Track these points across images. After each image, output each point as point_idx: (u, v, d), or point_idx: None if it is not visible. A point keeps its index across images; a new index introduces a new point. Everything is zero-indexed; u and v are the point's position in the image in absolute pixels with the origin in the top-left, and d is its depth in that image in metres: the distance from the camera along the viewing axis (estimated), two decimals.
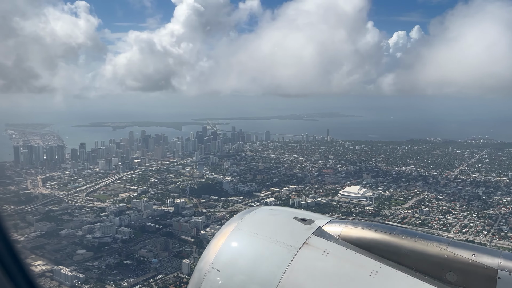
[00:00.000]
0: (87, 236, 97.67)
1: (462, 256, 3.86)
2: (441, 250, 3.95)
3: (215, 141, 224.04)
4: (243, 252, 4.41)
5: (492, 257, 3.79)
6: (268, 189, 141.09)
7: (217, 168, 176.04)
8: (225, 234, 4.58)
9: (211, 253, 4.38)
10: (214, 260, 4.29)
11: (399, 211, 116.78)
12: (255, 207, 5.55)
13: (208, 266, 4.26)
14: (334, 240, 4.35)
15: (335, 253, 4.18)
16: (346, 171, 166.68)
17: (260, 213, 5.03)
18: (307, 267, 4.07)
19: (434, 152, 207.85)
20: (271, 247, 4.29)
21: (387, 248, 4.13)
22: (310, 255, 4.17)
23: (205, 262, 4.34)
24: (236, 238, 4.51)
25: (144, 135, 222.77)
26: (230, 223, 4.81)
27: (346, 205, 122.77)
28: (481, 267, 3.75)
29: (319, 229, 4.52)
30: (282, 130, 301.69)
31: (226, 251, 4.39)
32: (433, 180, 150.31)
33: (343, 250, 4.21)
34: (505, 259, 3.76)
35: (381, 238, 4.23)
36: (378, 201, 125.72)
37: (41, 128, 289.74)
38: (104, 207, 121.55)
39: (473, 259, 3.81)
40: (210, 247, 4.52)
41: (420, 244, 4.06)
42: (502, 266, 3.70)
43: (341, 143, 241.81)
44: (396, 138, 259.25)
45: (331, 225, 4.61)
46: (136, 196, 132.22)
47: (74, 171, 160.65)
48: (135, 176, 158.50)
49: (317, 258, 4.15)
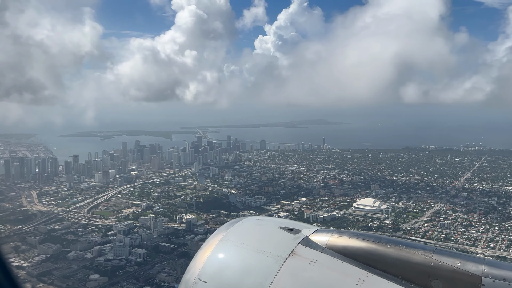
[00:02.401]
0: (98, 259, 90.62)
1: (447, 263, 3.91)
2: (427, 258, 3.99)
3: (212, 151, 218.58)
4: (230, 263, 4.36)
5: (477, 264, 3.87)
6: (278, 202, 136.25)
7: (219, 180, 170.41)
8: (211, 245, 4.52)
9: (198, 265, 4.32)
10: (200, 271, 4.24)
11: (419, 225, 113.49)
12: (242, 217, 5.37)
13: (194, 278, 4.20)
14: (321, 249, 4.34)
15: (322, 262, 4.18)
16: (352, 181, 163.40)
17: (247, 223, 4.99)
18: (294, 277, 4.06)
19: (433, 161, 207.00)
20: (258, 257, 4.26)
21: (373, 257, 4.14)
22: (297, 265, 4.17)
23: (191, 273, 4.28)
24: (223, 249, 4.47)
25: (138, 145, 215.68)
26: (216, 233, 4.72)
27: (362, 218, 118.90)
28: (466, 275, 3.82)
29: (306, 239, 4.50)
30: (274, 139, 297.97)
31: (213, 262, 4.34)
32: (442, 190, 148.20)
33: (329, 260, 4.21)
34: (489, 266, 3.84)
35: (367, 247, 4.24)
36: (394, 213, 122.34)
37: (26, 138, 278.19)
38: (109, 225, 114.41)
39: (458, 266, 3.88)
40: (196, 258, 4.45)
41: (405, 252, 4.10)
42: (486, 273, 3.79)
43: (338, 151, 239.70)
44: (390, 146, 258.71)
45: (318, 234, 4.59)
46: (141, 212, 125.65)
47: (70, 185, 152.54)
48: (135, 190, 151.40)
49: (304, 268, 4.14)
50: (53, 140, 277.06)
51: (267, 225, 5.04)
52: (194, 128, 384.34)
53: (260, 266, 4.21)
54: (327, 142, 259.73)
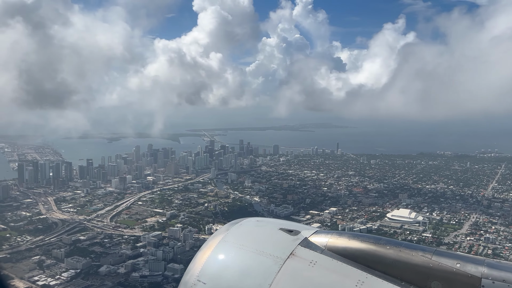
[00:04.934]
0: (134, 275, 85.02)
1: (447, 265, 3.90)
2: (426, 260, 3.98)
3: (226, 155, 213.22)
4: (229, 265, 4.35)
5: (476, 266, 3.86)
6: (306, 211, 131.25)
7: (239, 186, 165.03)
8: (211, 246, 4.51)
9: (197, 266, 4.32)
10: (200, 272, 4.23)
11: (460, 238, 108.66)
12: (241, 218, 5.32)
13: (194, 279, 4.20)
14: (320, 250, 4.33)
15: (321, 263, 4.18)
16: (377, 189, 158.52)
17: (247, 224, 4.96)
18: (293, 278, 4.06)
19: (453, 168, 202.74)
20: (257, 258, 4.26)
21: (373, 258, 4.13)
22: (296, 266, 4.16)
23: (191, 275, 4.27)
24: (222, 250, 4.46)
25: (151, 149, 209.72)
26: (216, 235, 4.71)
27: (400, 231, 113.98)
28: (465, 276, 3.81)
29: (306, 240, 4.49)
30: (285, 142, 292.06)
31: (212, 264, 4.33)
32: (473, 200, 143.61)
33: (329, 261, 4.21)
34: (488, 268, 3.83)
35: (366, 248, 4.23)
36: (431, 226, 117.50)
37: (33, 140, 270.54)
38: (136, 235, 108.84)
39: (457, 267, 3.86)
40: (196, 259, 4.44)
41: (405, 253, 4.09)
42: (486, 275, 3.77)
43: (353, 156, 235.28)
44: (404, 152, 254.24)
45: (318, 235, 4.58)
46: (166, 221, 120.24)
47: (86, 191, 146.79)
48: (154, 197, 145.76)
49: (303, 269, 4.14)
50: (59, 142, 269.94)
51: (266, 226, 4.93)
52: (200, 131, 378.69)
53: (260, 267, 4.14)
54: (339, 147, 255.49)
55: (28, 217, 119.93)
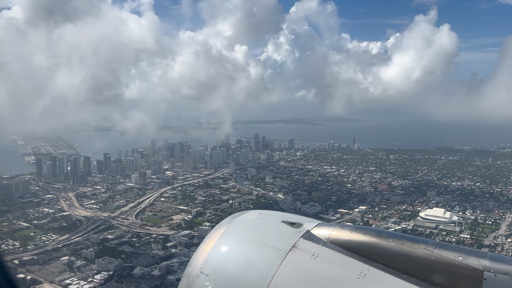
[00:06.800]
0: (170, 278, 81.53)
1: (449, 258, 3.91)
2: (428, 252, 3.99)
3: (243, 150, 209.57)
4: (232, 257, 4.37)
5: (478, 259, 3.86)
6: (334, 210, 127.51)
7: (260, 182, 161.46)
8: (213, 238, 4.52)
9: (200, 258, 4.35)
10: (203, 264, 4.26)
11: (501, 240, 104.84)
12: (244, 210, 5.37)
13: (196, 271, 4.22)
14: (322, 243, 4.34)
15: (323, 256, 4.19)
16: (402, 186, 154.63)
17: (249, 216, 4.98)
18: (296, 271, 4.09)
19: (475, 163, 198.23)
20: (260, 251, 4.28)
21: (375, 251, 4.14)
22: (299, 258, 4.18)
23: (193, 266, 4.30)
24: (225, 242, 4.47)
25: (167, 143, 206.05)
26: (219, 227, 4.71)
27: (435, 231, 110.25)
28: (468, 269, 3.82)
29: (308, 233, 4.49)
30: (298, 136, 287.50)
31: (215, 256, 4.35)
32: (504, 198, 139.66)
33: (331, 253, 4.22)
34: (490, 261, 3.83)
35: (369, 241, 4.23)
36: (467, 226, 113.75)
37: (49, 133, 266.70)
38: (164, 234, 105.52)
39: (460, 260, 3.88)
40: (199, 251, 4.46)
41: (407, 246, 4.09)
42: (488, 267, 3.77)
43: (370, 151, 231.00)
44: (421, 146, 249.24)
45: (320, 228, 4.58)
46: (192, 220, 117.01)
47: (106, 186, 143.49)
48: (176, 193, 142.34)
49: (305, 262, 4.16)
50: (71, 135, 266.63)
51: (269, 219, 4.94)
52: (210, 124, 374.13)
53: (262, 259, 4.16)
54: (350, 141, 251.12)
55: (51, 214, 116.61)
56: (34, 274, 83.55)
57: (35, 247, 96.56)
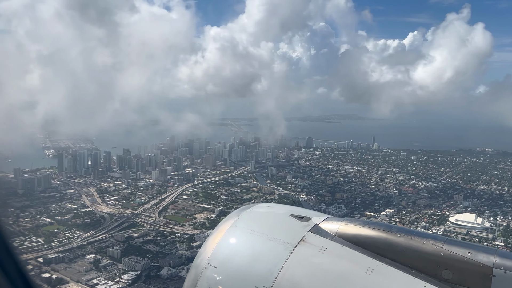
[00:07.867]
0: None
1: (458, 254, 3.88)
2: (437, 248, 3.96)
3: (262, 147, 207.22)
4: (240, 249, 4.36)
5: (488, 255, 3.82)
6: (361, 213, 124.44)
7: (281, 182, 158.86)
8: (222, 231, 4.52)
9: (208, 250, 4.34)
10: (211, 256, 4.25)
11: None
12: (252, 204, 5.37)
13: (205, 263, 4.23)
14: (330, 237, 4.32)
15: (331, 250, 4.18)
16: (428, 189, 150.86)
17: (258, 209, 4.97)
18: (303, 264, 4.08)
19: (500, 166, 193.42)
20: (268, 244, 4.27)
21: (383, 246, 4.12)
22: (306, 252, 4.17)
23: (202, 258, 4.29)
24: (233, 235, 4.45)
25: (186, 139, 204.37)
26: (227, 220, 4.71)
27: (467, 237, 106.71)
28: (477, 265, 3.79)
29: (316, 227, 4.48)
30: (315, 135, 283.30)
31: (223, 248, 4.33)
32: None
33: (339, 248, 4.20)
34: (500, 257, 3.79)
35: (377, 236, 4.20)
36: (500, 232, 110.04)
37: None
38: (189, 233, 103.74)
39: (469, 257, 3.84)
40: (207, 243, 4.46)
41: (416, 241, 4.06)
42: (497, 264, 3.74)
43: (390, 152, 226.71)
44: (442, 147, 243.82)
45: (328, 222, 4.55)
46: (215, 219, 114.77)
47: (127, 182, 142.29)
48: (197, 191, 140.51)
49: (313, 255, 4.15)
50: None
51: (277, 212, 4.93)
52: (226, 120, 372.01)
53: (270, 252, 4.16)
54: (368, 140, 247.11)
55: (74, 210, 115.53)
56: (59, 273, 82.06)
57: (59, 244, 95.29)
